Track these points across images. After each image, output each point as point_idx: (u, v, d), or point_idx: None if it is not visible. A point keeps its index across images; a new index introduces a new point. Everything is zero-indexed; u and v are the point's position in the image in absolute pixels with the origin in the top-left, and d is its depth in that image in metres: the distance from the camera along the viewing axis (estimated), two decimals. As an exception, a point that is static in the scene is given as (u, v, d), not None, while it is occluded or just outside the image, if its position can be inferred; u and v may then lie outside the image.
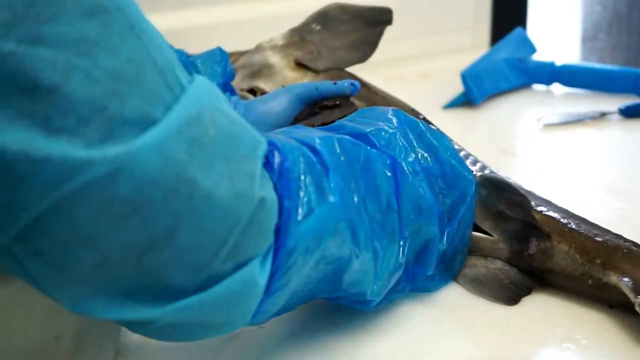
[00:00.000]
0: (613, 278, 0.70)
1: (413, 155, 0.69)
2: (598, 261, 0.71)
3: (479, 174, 0.78)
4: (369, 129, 0.68)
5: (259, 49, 0.98)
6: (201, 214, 0.49)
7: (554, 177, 0.98)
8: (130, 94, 0.47)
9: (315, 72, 0.97)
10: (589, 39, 2.03)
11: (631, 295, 0.68)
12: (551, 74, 1.28)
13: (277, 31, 1.01)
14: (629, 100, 1.18)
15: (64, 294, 0.49)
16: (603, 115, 1.16)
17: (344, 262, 0.61)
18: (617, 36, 2.03)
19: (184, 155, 0.48)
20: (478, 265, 0.76)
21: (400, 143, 0.69)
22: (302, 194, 0.56)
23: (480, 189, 0.76)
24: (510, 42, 1.31)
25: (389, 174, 0.66)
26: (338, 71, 0.99)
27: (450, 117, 1.15)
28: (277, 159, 0.56)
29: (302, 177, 0.57)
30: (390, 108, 0.73)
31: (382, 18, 1.00)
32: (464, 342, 0.68)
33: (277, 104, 0.85)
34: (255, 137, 0.55)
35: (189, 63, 0.86)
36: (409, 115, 0.73)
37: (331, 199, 0.58)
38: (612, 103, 1.18)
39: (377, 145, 0.68)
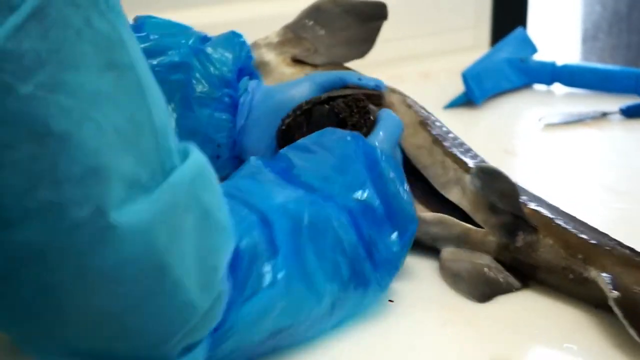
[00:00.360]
0: (592, 273, 0.71)
1: (360, 192, 0.68)
2: (580, 256, 0.72)
3: (473, 165, 0.79)
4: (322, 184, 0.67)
5: (254, 47, 0.98)
6: (166, 300, 0.50)
7: (555, 177, 0.98)
8: (126, 151, 0.47)
9: (314, 66, 0.96)
10: (589, 39, 2.03)
11: (607, 290, 0.68)
12: (552, 74, 1.28)
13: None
14: (630, 100, 1.18)
15: (20, 341, 0.51)
16: (604, 115, 1.16)
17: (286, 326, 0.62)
18: (618, 36, 2.03)
19: (164, 241, 0.48)
20: (463, 260, 0.76)
21: (360, 175, 0.68)
22: (247, 284, 0.57)
23: (475, 179, 0.77)
24: (511, 42, 1.31)
25: (346, 224, 0.65)
26: (337, 65, 0.97)
27: (451, 117, 1.15)
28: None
29: (250, 266, 0.58)
30: (350, 134, 0.71)
31: (376, 13, 0.99)
32: (467, 341, 0.68)
33: (297, 92, 0.83)
34: (228, 231, 0.54)
35: (199, 51, 0.84)
36: (366, 142, 0.71)
37: (271, 286, 0.59)
38: (613, 103, 1.18)
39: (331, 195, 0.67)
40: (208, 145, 0.84)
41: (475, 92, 1.21)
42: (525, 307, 0.73)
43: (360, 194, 0.67)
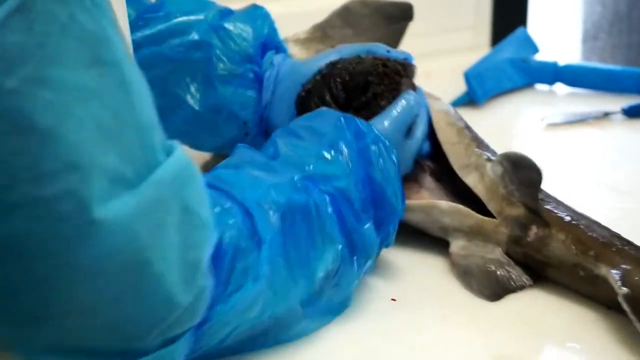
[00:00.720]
0: (603, 270, 0.70)
1: (343, 181, 0.67)
2: (591, 253, 0.72)
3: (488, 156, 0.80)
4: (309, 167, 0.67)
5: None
6: (147, 295, 0.50)
7: (557, 176, 0.98)
8: (109, 147, 0.47)
9: None
10: (589, 38, 2.04)
11: (616, 286, 0.68)
12: (554, 73, 1.28)
13: (285, 30, 1.01)
14: (632, 100, 1.18)
15: (6, 342, 0.50)
16: (606, 115, 1.16)
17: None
18: (618, 36, 2.03)
19: (146, 237, 0.48)
20: (474, 255, 0.76)
21: (344, 166, 0.68)
22: (231, 279, 0.57)
23: (496, 166, 0.77)
24: (512, 41, 1.31)
25: (330, 211, 0.65)
26: None
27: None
28: (216, 242, 0.56)
29: (233, 261, 0.57)
30: (343, 116, 0.71)
31: (402, 14, 0.99)
32: (469, 340, 0.68)
33: (324, 64, 0.82)
34: (209, 226, 0.54)
35: (219, 28, 0.83)
36: (360, 124, 0.71)
37: (253, 280, 0.59)
38: (615, 103, 1.18)
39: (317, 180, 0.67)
40: (234, 122, 0.84)
41: (477, 92, 1.21)
42: (528, 305, 0.73)
43: (343, 183, 0.67)
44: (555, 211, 0.76)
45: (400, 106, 0.77)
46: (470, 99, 1.22)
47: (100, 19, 0.48)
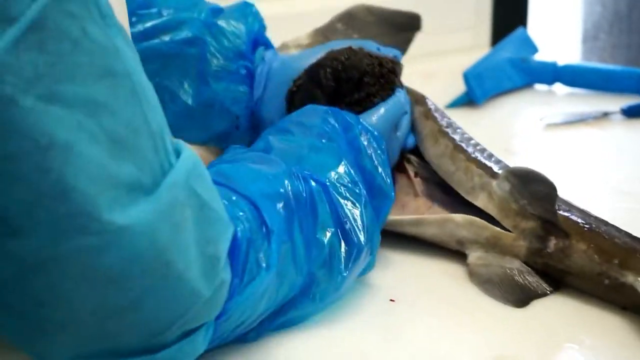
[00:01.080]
0: (630, 278, 0.70)
1: (341, 169, 0.70)
2: (616, 261, 0.71)
3: (497, 169, 0.79)
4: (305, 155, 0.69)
5: (283, 47, 0.98)
6: (170, 292, 0.51)
7: (557, 176, 0.97)
8: (125, 158, 0.48)
9: None
10: (589, 38, 2.03)
11: None
12: (553, 73, 1.28)
13: (284, 30, 1.01)
14: (631, 100, 1.18)
15: (27, 348, 0.51)
16: (605, 115, 1.16)
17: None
18: (618, 36, 2.03)
19: (167, 238, 0.49)
20: (493, 265, 0.75)
21: (336, 152, 0.71)
22: (246, 271, 0.59)
23: (503, 183, 0.76)
24: (512, 41, 1.31)
25: (323, 199, 0.67)
26: None
27: (452, 116, 1.14)
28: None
29: (247, 253, 0.59)
30: (329, 109, 0.74)
31: (410, 24, 0.99)
32: (468, 340, 0.68)
33: (314, 60, 0.84)
34: (224, 220, 0.56)
35: (212, 25, 0.85)
36: (347, 116, 0.74)
37: (265, 270, 0.60)
38: (615, 103, 1.18)
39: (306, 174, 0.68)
40: (226, 116, 0.86)
41: (476, 92, 1.21)
42: (533, 307, 0.72)
43: (339, 167, 0.69)
44: (572, 218, 0.75)
45: (391, 103, 0.81)
46: (469, 99, 1.22)
47: (108, 31, 0.48)
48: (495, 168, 0.80)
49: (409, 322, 0.70)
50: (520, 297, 0.73)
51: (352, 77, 0.80)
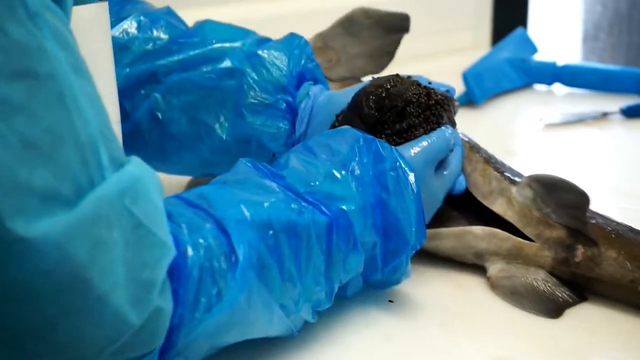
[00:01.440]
0: None
1: (357, 204, 0.65)
2: None
3: (517, 178, 0.77)
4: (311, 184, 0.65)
5: None
6: (90, 315, 0.48)
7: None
8: (39, 163, 0.45)
9: (330, 80, 0.93)
10: (589, 39, 2.03)
11: None
12: (553, 74, 1.28)
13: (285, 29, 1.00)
14: (630, 100, 1.18)
15: None
16: (605, 115, 1.16)
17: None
18: (618, 36, 2.03)
19: (85, 256, 0.46)
20: (517, 276, 0.73)
21: (352, 188, 0.66)
22: (199, 299, 0.55)
23: (525, 190, 0.74)
24: (511, 42, 1.32)
25: (320, 236, 0.63)
26: (353, 80, 0.96)
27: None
28: (178, 259, 0.54)
29: (199, 282, 0.55)
30: (363, 136, 0.69)
31: (399, 25, 0.98)
32: (466, 342, 0.68)
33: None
34: (164, 245, 0.52)
35: (253, 56, 0.81)
36: (382, 148, 0.68)
37: (226, 300, 0.56)
38: (614, 103, 1.18)
39: (316, 201, 0.64)
40: (263, 154, 0.81)
41: (475, 92, 1.21)
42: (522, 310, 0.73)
43: (348, 205, 0.65)
44: (597, 225, 0.73)
45: (434, 136, 0.73)
46: (468, 99, 1.22)
47: (33, 30, 0.45)
48: (512, 175, 0.78)
49: (407, 323, 0.70)
50: (551, 307, 0.71)
51: (396, 105, 0.74)
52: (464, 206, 0.79)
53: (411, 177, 0.68)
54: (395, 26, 0.99)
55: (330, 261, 0.64)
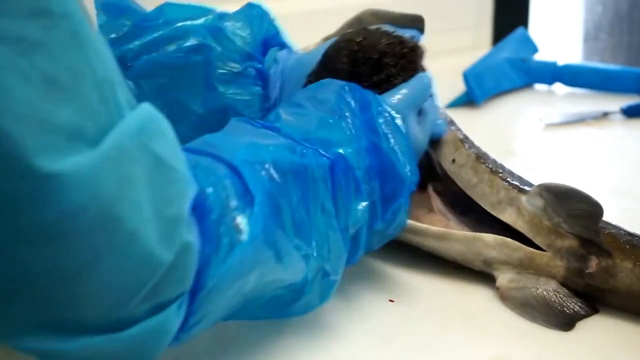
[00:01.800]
0: None
1: (353, 147, 0.66)
2: None
3: (526, 187, 0.76)
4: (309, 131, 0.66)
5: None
6: (123, 253, 0.47)
7: (556, 176, 0.97)
8: (63, 101, 0.45)
9: None
10: (590, 38, 2.03)
11: None
12: (553, 73, 1.28)
13: (292, 30, 1.00)
14: (631, 100, 1.18)
15: None
16: (605, 115, 1.16)
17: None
18: (619, 36, 2.03)
19: (114, 191, 0.46)
20: (528, 287, 0.72)
21: (346, 132, 0.67)
22: (221, 237, 0.55)
23: (535, 199, 0.74)
24: (512, 41, 1.32)
25: (325, 178, 0.64)
26: None
27: (452, 116, 1.15)
28: (198, 198, 0.54)
29: (220, 220, 0.55)
30: (347, 85, 0.70)
31: (413, 26, 0.98)
32: (467, 341, 0.68)
33: None
34: (186, 179, 0.52)
35: (216, 30, 0.82)
36: (366, 94, 0.70)
37: (247, 237, 0.56)
38: (615, 103, 1.18)
39: (314, 146, 0.65)
40: None
41: (476, 92, 1.21)
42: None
43: (345, 149, 0.66)
44: (610, 235, 0.72)
45: (413, 83, 0.74)
46: (469, 99, 1.22)
47: None
48: (520, 184, 0.77)
49: (408, 323, 0.70)
50: (562, 320, 0.70)
51: (370, 57, 0.74)
52: (466, 213, 0.78)
53: (398, 119, 0.70)
54: (410, 27, 0.98)
55: (336, 205, 0.64)
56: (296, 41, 0.99)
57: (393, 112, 0.70)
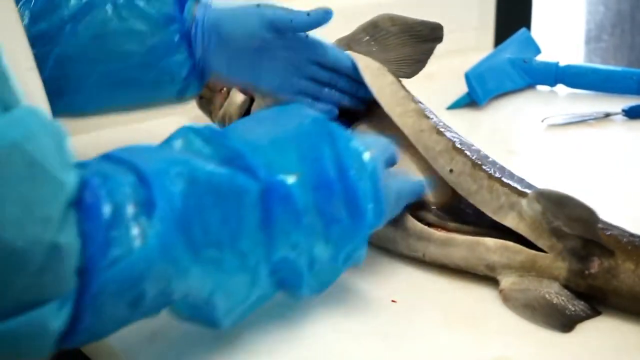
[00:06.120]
0: None
1: (291, 176, 0.62)
2: None
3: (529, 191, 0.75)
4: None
5: None
6: None
7: (558, 177, 0.98)
8: None
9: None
10: (592, 39, 2.04)
11: None
12: (555, 74, 1.28)
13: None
14: (632, 101, 1.18)
15: None
16: (607, 115, 1.17)
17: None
18: (621, 37, 2.03)
19: None
20: (530, 290, 0.72)
21: (300, 159, 0.64)
22: (111, 242, 0.54)
23: (533, 204, 0.73)
24: (514, 42, 1.31)
25: (254, 204, 0.60)
26: None
27: (454, 117, 1.15)
28: (88, 199, 0.54)
29: (114, 223, 0.54)
30: (313, 115, 0.68)
31: (432, 35, 0.97)
32: (468, 342, 0.68)
33: (244, 27, 0.84)
34: (59, 180, 0.52)
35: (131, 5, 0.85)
36: (335, 127, 0.67)
37: (140, 246, 0.54)
38: (616, 104, 1.18)
39: (253, 167, 0.61)
40: (176, 85, 0.88)
41: (478, 93, 1.21)
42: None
43: (290, 178, 0.62)
44: (612, 235, 0.72)
45: (381, 140, 0.73)
46: (471, 100, 1.22)
47: None
48: (520, 186, 0.76)
49: (410, 323, 0.70)
50: (564, 321, 0.70)
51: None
52: (475, 218, 0.78)
53: (366, 155, 0.66)
54: (428, 35, 0.97)
55: (270, 233, 0.61)
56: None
57: (361, 147, 0.67)
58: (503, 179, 0.78)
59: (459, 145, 0.81)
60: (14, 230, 0.49)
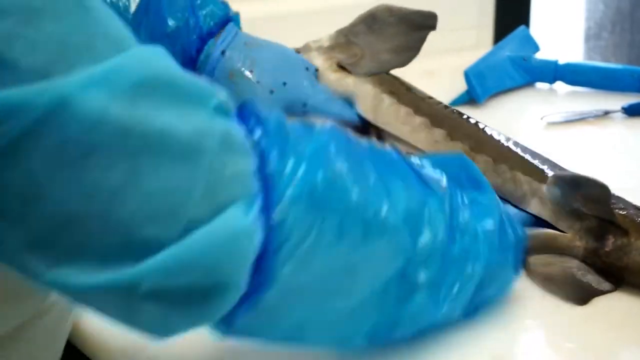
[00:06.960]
0: None
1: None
2: None
3: (551, 174, 0.80)
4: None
5: (305, 49, 0.97)
6: (159, 152, 0.46)
7: (558, 175, 0.98)
8: (79, 61, 0.45)
9: (357, 74, 0.96)
10: (592, 37, 2.03)
11: None
12: (555, 72, 1.28)
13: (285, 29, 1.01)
14: (632, 99, 1.18)
15: (32, 262, 0.46)
16: (606, 113, 1.16)
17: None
18: (621, 35, 2.03)
19: (129, 94, 0.46)
20: (553, 263, 0.76)
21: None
22: (289, 139, 0.53)
23: (552, 189, 0.77)
24: (513, 40, 1.31)
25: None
26: (379, 75, 0.97)
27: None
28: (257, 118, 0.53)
29: (287, 130, 0.54)
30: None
31: (426, 23, 0.99)
32: (467, 339, 0.68)
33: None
34: (205, 87, 0.50)
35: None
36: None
37: (325, 137, 0.54)
38: (616, 101, 1.18)
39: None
40: None
41: (477, 91, 1.21)
42: (524, 305, 0.73)
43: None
44: (630, 216, 0.76)
45: None
46: (470, 98, 1.22)
47: None
48: (542, 168, 0.81)
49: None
50: (581, 295, 0.73)
51: None
52: None
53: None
54: (422, 24, 0.99)
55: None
56: (294, 41, 0.99)
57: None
58: (523, 166, 0.82)
59: (474, 145, 0.85)
60: (180, 122, 0.47)
